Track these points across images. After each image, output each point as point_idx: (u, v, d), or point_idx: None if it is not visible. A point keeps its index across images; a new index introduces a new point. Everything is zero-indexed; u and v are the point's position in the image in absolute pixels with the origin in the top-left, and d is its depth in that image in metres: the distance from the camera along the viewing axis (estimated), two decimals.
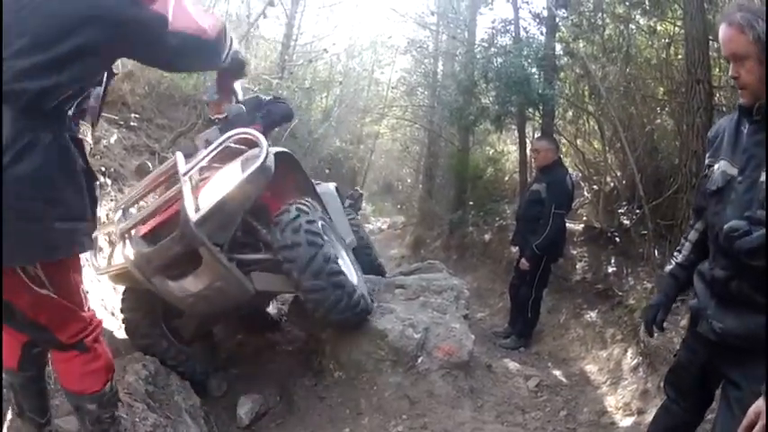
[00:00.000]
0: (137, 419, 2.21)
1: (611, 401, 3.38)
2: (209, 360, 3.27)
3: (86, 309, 1.76)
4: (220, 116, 3.51)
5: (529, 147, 7.60)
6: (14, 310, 1.59)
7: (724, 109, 4.08)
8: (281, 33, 10.44)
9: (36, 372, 1.85)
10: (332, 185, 3.93)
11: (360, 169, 18.56)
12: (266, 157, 2.44)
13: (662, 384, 2.12)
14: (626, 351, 3.72)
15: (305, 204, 2.82)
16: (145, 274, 2.51)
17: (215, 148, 2.56)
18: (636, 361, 3.54)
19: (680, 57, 4.81)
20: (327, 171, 11.22)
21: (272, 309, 4.36)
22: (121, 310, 3.03)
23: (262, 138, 2.55)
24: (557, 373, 3.83)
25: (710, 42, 3.90)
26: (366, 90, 16.65)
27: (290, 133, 8.55)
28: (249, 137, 2.57)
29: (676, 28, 5.00)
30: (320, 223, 2.84)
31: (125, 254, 2.53)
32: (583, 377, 3.78)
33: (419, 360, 3.10)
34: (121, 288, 3.14)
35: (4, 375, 1.78)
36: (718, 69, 4.23)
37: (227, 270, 2.46)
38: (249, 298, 2.70)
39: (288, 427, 3.03)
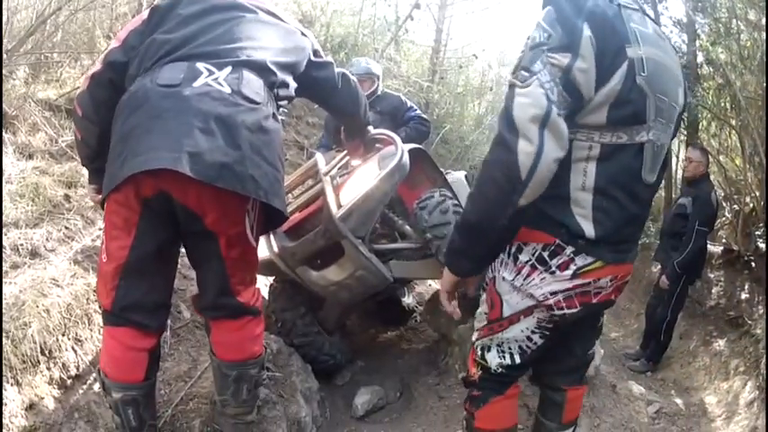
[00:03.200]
0: None
1: None
2: (345, 351, 3.37)
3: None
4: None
5: (674, 162, 7.24)
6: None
7: None
8: (430, 38, 10.75)
9: (155, 376, 1.87)
10: (461, 173, 3.85)
11: None
12: (402, 155, 2.56)
13: None
14: (745, 384, 3.51)
15: (446, 192, 2.98)
16: (289, 266, 2.70)
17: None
18: (753, 395, 3.34)
19: None
20: None
21: (409, 299, 4.40)
22: (272, 311, 3.09)
23: (397, 138, 2.69)
24: (678, 401, 3.72)
25: None
26: None
27: (442, 138, 8.88)
28: (385, 137, 2.74)
29: None
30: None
31: (269, 246, 2.71)
32: (701, 408, 3.65)
33: None
34: None
35: (115, 396, 1.74)
36: None
37: (368, 260, 2.57)
38: (387, 285, 2.80)
39: (401, 422, 3.02)
